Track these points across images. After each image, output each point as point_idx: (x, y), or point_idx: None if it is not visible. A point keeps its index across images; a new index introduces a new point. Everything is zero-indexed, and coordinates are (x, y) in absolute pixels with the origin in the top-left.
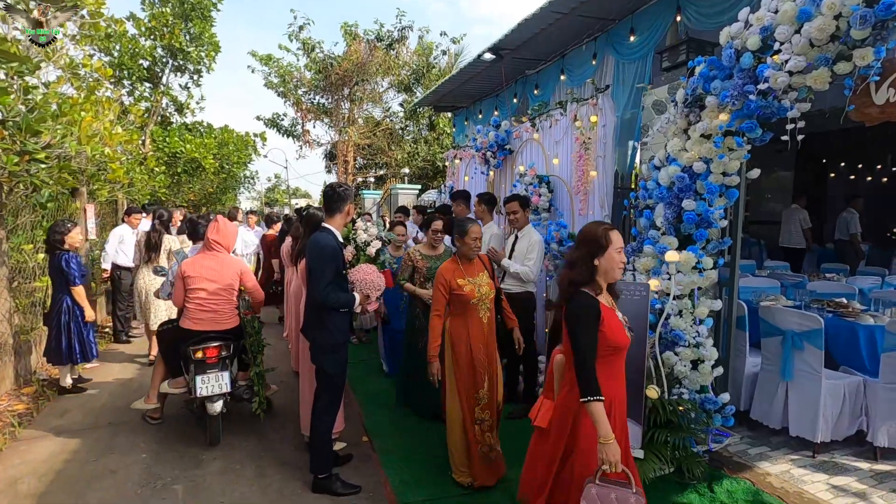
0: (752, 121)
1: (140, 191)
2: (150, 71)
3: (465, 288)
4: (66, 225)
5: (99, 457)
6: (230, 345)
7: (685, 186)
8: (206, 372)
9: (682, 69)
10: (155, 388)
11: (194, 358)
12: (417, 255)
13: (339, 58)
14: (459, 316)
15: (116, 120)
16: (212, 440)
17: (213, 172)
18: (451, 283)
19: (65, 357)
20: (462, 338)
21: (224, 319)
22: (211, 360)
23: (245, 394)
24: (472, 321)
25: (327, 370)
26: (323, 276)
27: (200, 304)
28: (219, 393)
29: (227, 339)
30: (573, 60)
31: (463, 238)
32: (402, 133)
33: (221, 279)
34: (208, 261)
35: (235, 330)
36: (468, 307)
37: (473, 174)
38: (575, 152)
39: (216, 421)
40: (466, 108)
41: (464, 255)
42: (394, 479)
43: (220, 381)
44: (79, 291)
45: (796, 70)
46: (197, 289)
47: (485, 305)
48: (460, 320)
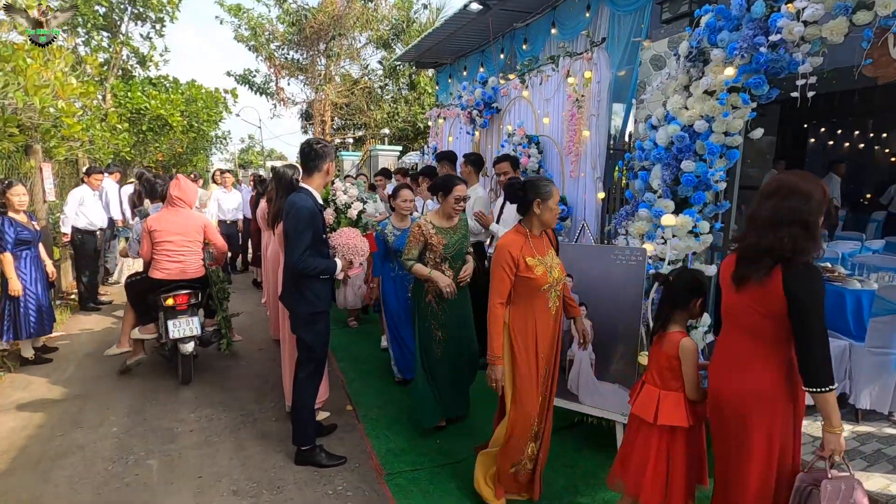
0: (759, 76)
1: (101, 149)
2: (108, 18)
3: (536, 270)
4: (5, 184)
5: (66, 431)
6: (198, 293)
7: (685, 146)
8: (177, 317)
9: (683, 21)
10: (126, 333)
11: (165, 305)
12: (430, 228)
13: (313, 9)
14: (523, 306)
15: (70, 70)
16: (184, 378)
17: (181, 131)
18: (519, 261)
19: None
20: (527, 333)
21: (191, 269)
22: (181, 306)
23: (213, 337)
24: (540, 312)
25: (308, 340)
26: (300, 240)
27: (168, 256)
28: (189, 335)
29: (195, 287)
30: (565, 12)
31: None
32: (381, 92)
33: (187, 232)
34: (172, 216)
35: (202, 279)
36: (537, 295)
37: (458, 134)
38: (567, 111)
39: (188, 361)
40: (450, 65)
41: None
42: (379, 448)
43: (191, 325)
44: (4, 259)
45: (813, 20)
46: (164, 241)
47: (555, 293)
48: (524, 311)
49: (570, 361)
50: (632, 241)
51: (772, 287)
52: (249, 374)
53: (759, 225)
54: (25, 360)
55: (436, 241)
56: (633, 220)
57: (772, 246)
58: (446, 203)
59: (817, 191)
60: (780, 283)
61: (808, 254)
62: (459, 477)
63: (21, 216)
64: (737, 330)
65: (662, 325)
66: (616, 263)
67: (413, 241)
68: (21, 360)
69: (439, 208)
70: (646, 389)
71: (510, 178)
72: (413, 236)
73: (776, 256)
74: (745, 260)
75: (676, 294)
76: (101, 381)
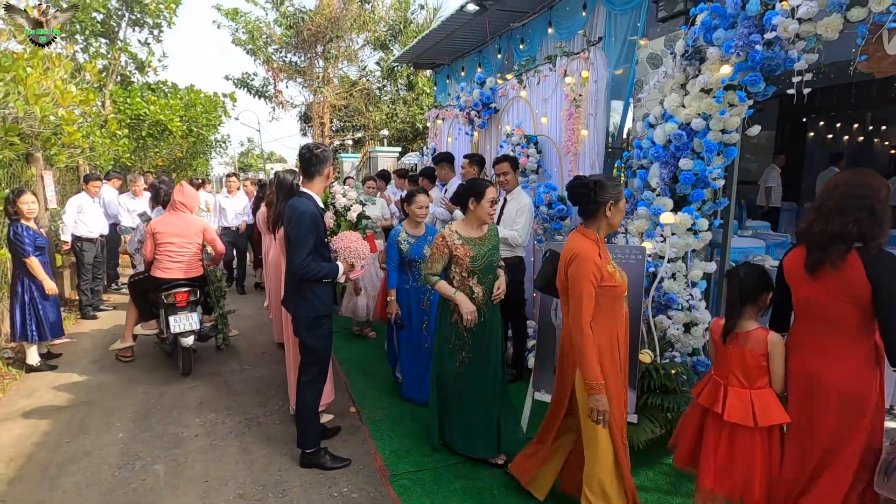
0: (756, 73)
1: (102, 156)
2: (105, 25)
3: (616, 277)
4: (16, 193)
5: (72, 438)
6: (196, 290)
7: (683, 144)
8: (177, 313)
9: (678, 19)
10: (129, 329)
11: (166, 302)
12: (455, 239)
13: (310, 12)
14: (604, 318)
15: (70, 78)
16: (185, 370)
17: (180, 136)
18: (602, 272)
19: (18, 335)
20: (612, 347)
21: (190, 269)
22: (181, 303)
23: (211, 332)
24: (619, 323)
25: (311, 344)
26: (303, 245)
27: (169, 256)
28: (189, 329)
29: (194, 285)
30: (562, 12)
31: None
32: (379, 93)
33: (187, 234)
34: (174, 219)
35: (200, 278)
36: (618, 304)
37: (457, 135)
38: (565, 110)
39: (188, 353)
40: (447, 66)
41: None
42: (384, 449)
43: (190, 320)
44: (32, 264)
45: (807, 17)
46: (166, 243)
47: (626, 297)
48: (607, 324)
49: None
50: (631, 240)
51: (853, 275)
52: (253, 378)
53: (825, 213)
54: (31, 368)
55: (462, 252)
56: (632, 218)
57: (840, 231)
58: (480, 209)
59: (882, 183)
60: (862, 270)
61: (877, 239)
62: (464, 477)
63: (32, 223)
64: (817, 322)
65: (736, 322)
66: (616, 262)
67: (436, 254)
68: (26, 367)
69: (468, 216)
70: (734, 393)
71: (574, 178)
72: (436, 248)
73: (847, 242)
74: (816, 246)
75: (748, 289)
76: (105, 387)
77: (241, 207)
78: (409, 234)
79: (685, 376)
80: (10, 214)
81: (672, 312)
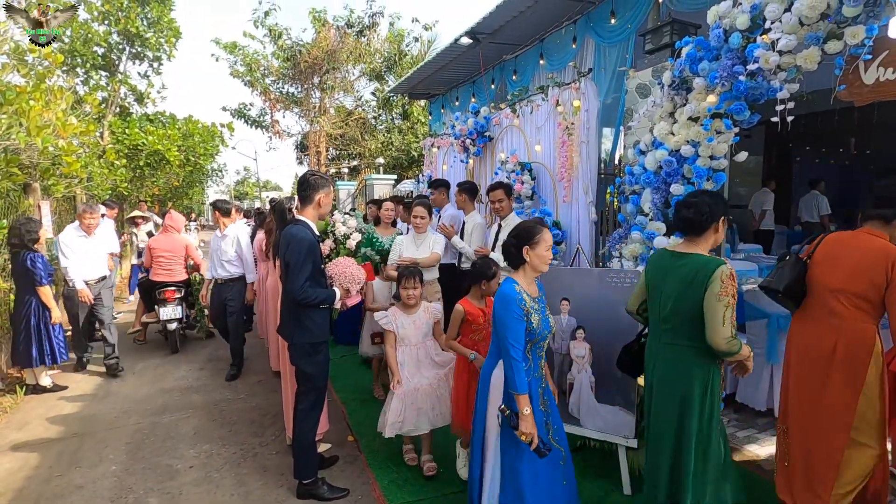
0: (740, 102)
1: (100, 185)
2: (106, 58)
3: None
4: (35, 223)
5: (64, 471)
6: (181, 290)
7: (673, 171)
8: (166, 305)
9: (665, 51)
10: (139, 318)
11: (160, 298)
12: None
13: (307, 45)
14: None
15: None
16: (172, 349)
17: (178, 165)
18: None
19: (36, 360)
20: None
21: (177, 275)
22: (169, 299)
23: (194, 321)
24: None
25: (308, 371)
26: (301, 272)
27: (161, 265)
28: (174, 318)
29: (179, 286)
30: (553, 44)
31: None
32: (374, 123)
33: (175, 249)
34: (166, 238)
35: (185, 281)
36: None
37: (452, 162)
38: (558, 138)
39: (174, 335)
40: (442, 96)
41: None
42: (382, 479)
43: (175, 311)
44: (45, 292)
45: (787, 50)
46: (159, 256)
47: None
48: None
49: (570, 385)
50: (626, 264)
51: None
52: (248, 407)
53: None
54: (43, 389)
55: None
56: (626, 242)
57: None
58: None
59: None
60: None
61: None
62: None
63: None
64: None
65: None
66: (612, 286)
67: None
68: (36, 389)
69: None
70: None
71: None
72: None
73: None
74: None
75: None
76: (98, 418)
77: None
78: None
79: None
80: (30, 243)
81: None
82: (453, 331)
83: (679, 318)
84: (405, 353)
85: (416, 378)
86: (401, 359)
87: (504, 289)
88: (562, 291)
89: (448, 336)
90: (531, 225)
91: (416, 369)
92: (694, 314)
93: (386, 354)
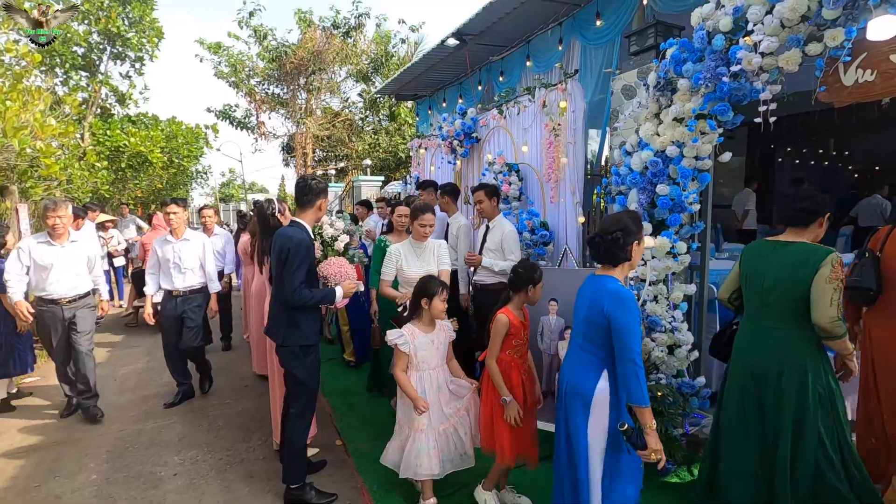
0: (724, 103)
1: (80, 188)
2: (86, 58)
3: None
4: (3, 227)
5: (42, 481)
6: None
7: (659, 171)
8: None
9: (650, 53)
10: (130, 302)
11: None
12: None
13: (293, 46)
14: None
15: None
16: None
17: (161, 167)
18: None
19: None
20: None
21: None
22: None
23: None
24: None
25: (299, 375)
26: (297, 274)
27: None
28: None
29: None
30: (539, 46)
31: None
32: (362, 124)
33: None
34: (156, 234)
35: None
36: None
37: (440, 164)
38: (544, 139)
39: None
40: (429, 97)
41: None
42: (371, 482)
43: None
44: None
45: (769, 51)
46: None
47: None
48: None
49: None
50: None
51: None
52: (234, 412)
53: None
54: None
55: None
56: None
57: None
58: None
59: None
60: None
61: None
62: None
63: None
64: None
65: None
66: None
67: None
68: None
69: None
70: None
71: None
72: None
73: None
74: None
75: None
76: (78, 426)
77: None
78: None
79: (671, 398)
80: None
81: (655, 335)
82: (496, 347)
83: (785, 302)
84: (424, 378)
85: (438, 414)
86: (417, 385)
87: (621, 290)
88: (550, 292)
89: (490, 354)
90: (635, 216)
91: (438, 398)
92: (800, 297)
93: (399, 381)
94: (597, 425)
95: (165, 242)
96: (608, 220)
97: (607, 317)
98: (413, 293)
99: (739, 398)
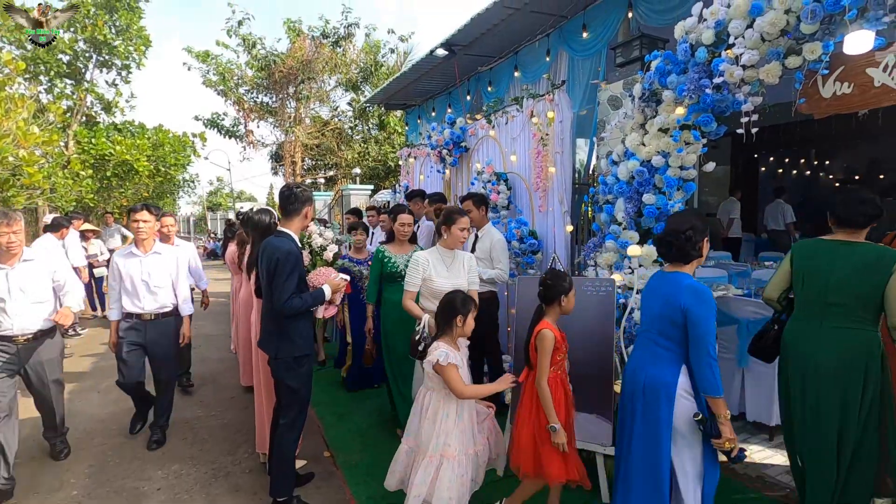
0: (707, 114)
1: (63, 196)
2: (72, 66)
3: None
4: None
5: (19, 499)
6: None
7: (645, 180)
8: None
9: (635, 64)
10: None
11: None
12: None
13: (282, 55)
14: None
15: (33, 119)
16: None
17: (147, 176)
18: None
19: None
20: None
21: None
22: None
23: None
24: None
25: (292, 385)
26: (287, 284)
27: None
28: None
29: None
30: (527, 57)
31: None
32: (351, 133)
33: None
34: None
35: None
36: None
37: (429, 173)
38: (533, 148)
39: None
40: (418, 106)
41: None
42: (360, 495)
43: None
44: None
45: (750, 64)
46: None
47: None
48: None
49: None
50: (601, 272)
51: None
52: (220, 425)
53: None
54: None
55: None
56: (600, 251)
57: None
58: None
59: None
60: None
61: None
62: None
63: None
64: None
65: None
66: (587, 294)
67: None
68: None
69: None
70: None
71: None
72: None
73: None
74: None
75: None
76: None
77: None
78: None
79: None
80: None
81: None
82: (545, 365)
83: (852, 302)
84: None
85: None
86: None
87: (698, 285)
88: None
89: (541, 374)
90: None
91: (472, 421)
92: (869, 298)
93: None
94: (680, 420)
95: (130, 256)
96: (675, 219)
97: (685, 311)
98: (443, 310)
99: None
